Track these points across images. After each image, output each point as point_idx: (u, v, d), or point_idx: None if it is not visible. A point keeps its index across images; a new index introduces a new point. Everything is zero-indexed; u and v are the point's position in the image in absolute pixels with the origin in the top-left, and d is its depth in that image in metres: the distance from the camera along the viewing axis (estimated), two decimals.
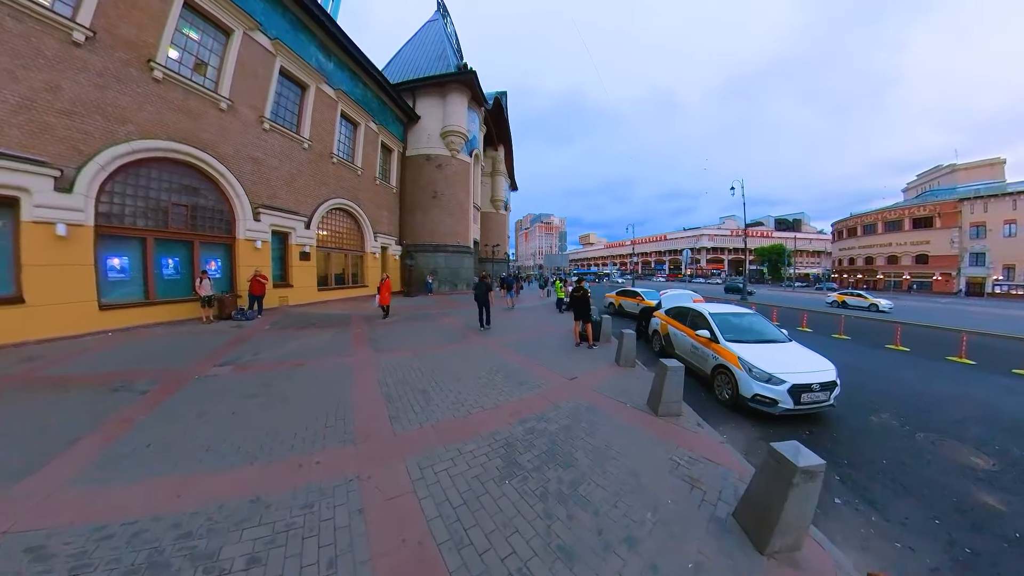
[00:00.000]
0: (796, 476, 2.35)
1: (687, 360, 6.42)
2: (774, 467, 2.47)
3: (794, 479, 2.33)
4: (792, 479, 2.33)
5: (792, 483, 2.29)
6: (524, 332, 9.05)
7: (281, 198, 12.75)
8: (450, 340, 7.64)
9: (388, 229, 19.21)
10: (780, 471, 2.44)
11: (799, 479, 2.37)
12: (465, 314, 12.08)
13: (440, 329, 9.05)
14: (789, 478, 2.38)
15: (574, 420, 3.93)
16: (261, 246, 11.83)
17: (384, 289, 10.82)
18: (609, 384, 5.23)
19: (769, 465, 2.53)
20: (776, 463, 2.48)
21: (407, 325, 9.67)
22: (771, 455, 2.54)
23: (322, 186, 14.48)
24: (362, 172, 16.88)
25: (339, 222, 15.88)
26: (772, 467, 2.49)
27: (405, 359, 5.99)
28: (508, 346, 7.21)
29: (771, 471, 2.51)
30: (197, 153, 10.28)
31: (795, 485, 2.29)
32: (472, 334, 8.36)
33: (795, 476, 2.36)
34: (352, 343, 7.19)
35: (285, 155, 13.01)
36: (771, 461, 2.54)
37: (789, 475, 2.39)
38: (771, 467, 2.50)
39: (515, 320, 11.27)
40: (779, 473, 2.45)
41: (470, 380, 4.97)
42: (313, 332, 8.44)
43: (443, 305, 15.14)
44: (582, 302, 7.46)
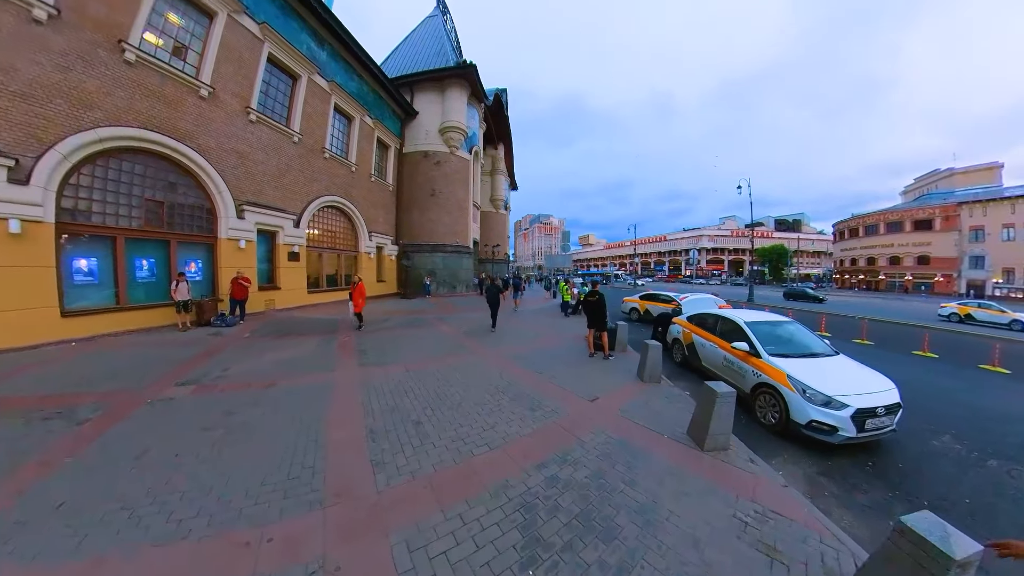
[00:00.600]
0: (951, 572, 1.60)
1: (718, 374, 5.69)
2: (911, 555, 1.72)
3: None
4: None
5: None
6: (530, 340, 8.27)
7: (268, 194, 11.93)
8: (448, 351, 6.88)
9: (384, 228, 18.40)
10: (922, 561, 1.69)
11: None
12: (464, 319, 11.30)
13: (437, 338, 8.22)
14: (940, 573, 1.63)
15: (606, 461, 3.17)
16: (245, 246, 11.01)
17: (357, 294, 9.15)
18: (636, 406, 4.48)
19: (901, 552, 1.78)
20: (916, 549, 1.72)
21: (400, 333, 8.83)
22: (905, 537, 1.79)
23: (313, 182, 13.67)
24: (356, 168, 16.07)
25: (331, 221, 15.06)
26: (907, 555, 1.74)
27: (396, 376, 5.21)
28: (514, 358, 6.44)
29: (906, 561, 1.75)
30: (174, 144, 9.46)
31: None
32: (473, 343, 7.59)
33: (950, 572, 1.61)
34: (337, 355, 6.39)
35: (273, 149, 12.20)
36: (905, 546, 1.79)
37: (940, 570, 1.63)
38: (905, 555, 1.75)
39: (520, 325, 10.49)
40: (921, 566, 1.69)
41: (472, 405, 4.20)
42: (296, 341, 7.64)
43: (441, 309, 14.34)
44: (597, 308, 6.68)
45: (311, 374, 5.34)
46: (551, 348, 7.34)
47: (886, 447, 4.23)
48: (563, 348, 7.38)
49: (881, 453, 4.13)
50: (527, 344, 7.79)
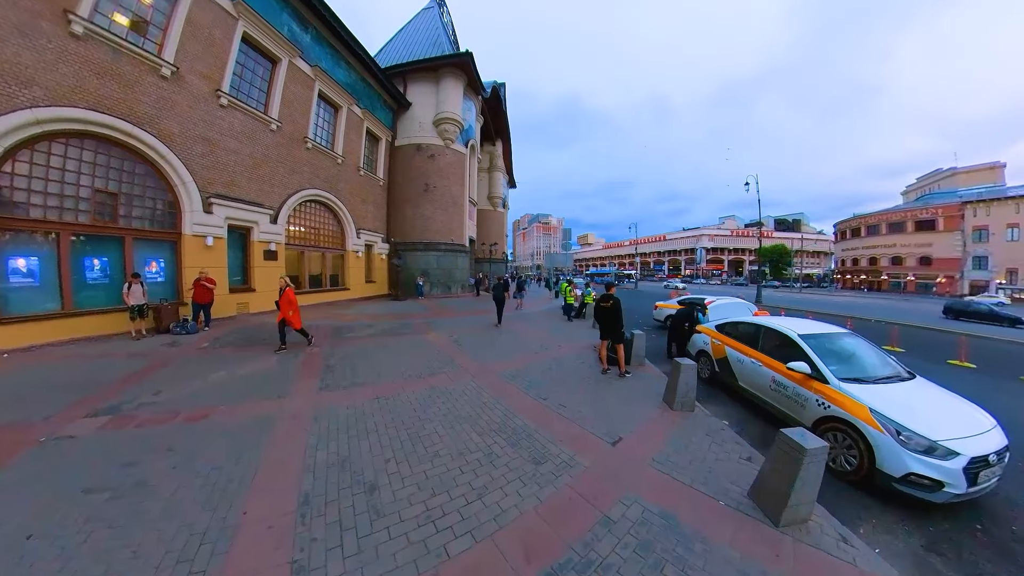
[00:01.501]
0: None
1: (763, 399, 4.65)
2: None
3: None
4: None
5: None
6: (531, 352, 7.08)
7: (241, 187, 10.80)
8: (432, 369, 5.67)
9: (374, 225, 17.27)
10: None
11: None
12: (456, 325, 10.20)
13: (422, 349, 7.04)
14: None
15: (648, 558, 2.12)
16: (213, 243, 9.89)
17: (285, 302, 6.69)
18: (673, 451, 3.43)
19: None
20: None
21: (381, 343, 7.62)
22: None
23: (293, 174, 12.54)
24: (343, 161, 14.94)
25: (315, 217, 13.93)
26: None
27: (361, 406, 4.13)
28: (511, 377, 5.34)
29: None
30: (129, 128, 8.35)
31: None
32: (463, 357, 6.42)
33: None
34: (298, 373, 5.30)
35: (248, 137, 11.07)
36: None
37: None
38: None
39: (519, 331, 9.39)
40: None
41: (454, 455, 3.11)
42: (258, 353, 6.54)
43: (432, 311, 13.24)
44: (611, 316, 5.62)
45: (258, 402, 4.26)
46: (555, 362, 6.27)
47: (983, 498, 3.23)
48: (569, 362, 6.32)
49: (983, 509, 3.13)
50: (527, 356, 6.72)
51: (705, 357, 6.04)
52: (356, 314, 11.55)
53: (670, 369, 4.52)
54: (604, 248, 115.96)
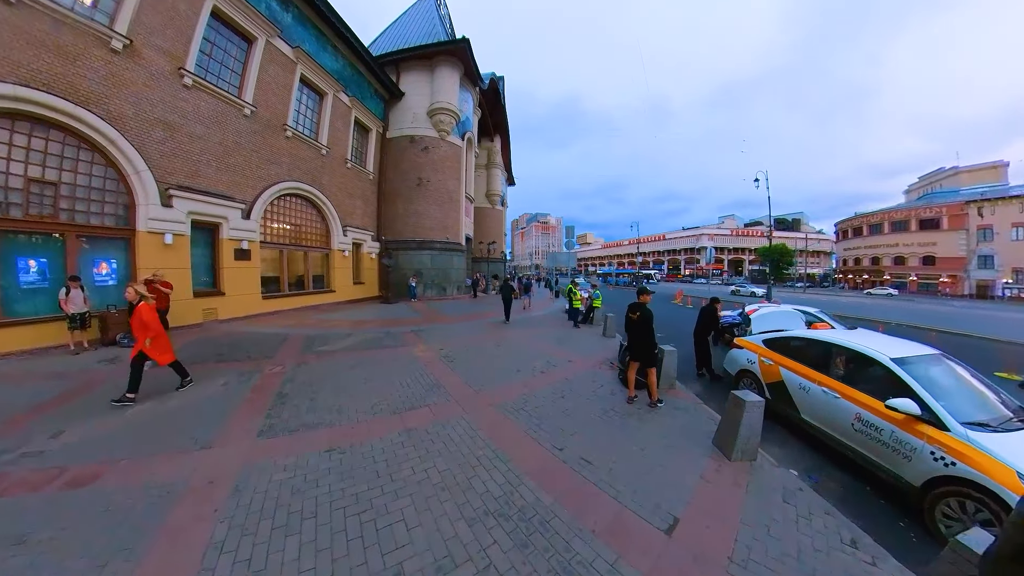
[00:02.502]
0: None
1: (840, 440, 3.60)
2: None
3: None
4: None
5: None
6: (536, 371, 5.76)
7: (207, 177, 9.63)
8: (412, 399, 4.40)
9: (362, 222, 16.08)
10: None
11: None
12: (450, 333, 9.05)
13: (404, 368, 5.70)
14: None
15: None
16: (173, 241, 8.72)
17: (138, 325, 4.33)
18: (753, 536, 2.34)
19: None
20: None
21: (356, 359, 6.27)
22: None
23: (271, 165, 11.36)
24: (328, 152, 13.76)
25: (296, 212, 12.74)
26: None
27: (305, 465, 2.99)
28: (514, 412, 4.13)
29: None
30: (68, 108, 7.20)
31: None
32: (453, 380, 5.19)
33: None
34: (240, 406, 4.15)
35: (216, 122, 9.89)
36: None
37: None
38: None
39: (521, 343, 8.16)
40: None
41: (426, 573, 1.94)
42: (208, 373, 5.41)
43: (425, 316, 12.07)
44: (642, 330, 4.44)
45: (171, 455, 3.13)
46: (566, 385, 5.12)
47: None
48: (583, 384, 5.19)
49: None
50: (531, 378, 5.44)
51: (750, 379, 4.97)
52: (338, 320, 10.39)
53: (706, 393, 3.40)
54: (604, 247, 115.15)
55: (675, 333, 10.35)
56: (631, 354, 4.53)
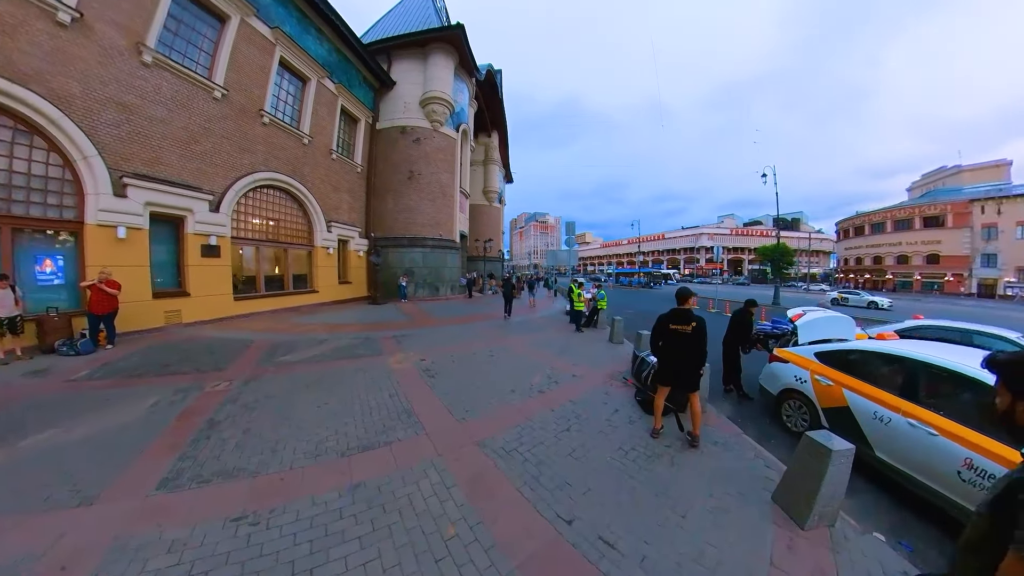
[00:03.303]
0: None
1: (940, 492, 2.69)
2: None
3: None
4: None
5: None
6: (535, 391, 4.71)
7: (170, 165, 8.66)
8: (372, 432, 3.39)
9: (349, 218, 15.09)
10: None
11: None
12: (436, 339, 8.05)
13: (372, 386, 4.67)
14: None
15: None
16: (127, 235, 7.76)
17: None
18: None
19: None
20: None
21: (320, 372, 5.25)
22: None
23: (244, 153, 10.38)
24: (311, 141, 12.78)
25: (274, 205, 11.75)
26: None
27: (199, 543, 2.05)
28: (504, 453, 3.11)
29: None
30: (3, 85, 6.29)
31: None
32: (428, 405, 4.13)
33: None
34: (156, 442, 3.20)
35: (181, 104, 8.93)
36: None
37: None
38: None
39: (518, 351, 7.09)
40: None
41: None
42: (139, 391, 4.47)
43: (413, 319, 11.09)
44: (692, 348, 3.40)
45: (34, 517, 2.21)
46: (572, 411, 4.08)
47: None
48: (594, 410, 4.14)
49: None
50: (528, 401, 4.36)
51: (797, 400, 4.05)
52: (315, 324, 9.40)
53: (737, 415, 2.44)
54: (603, 247, 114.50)
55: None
56: (671, 379, 3.49)
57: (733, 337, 5.18)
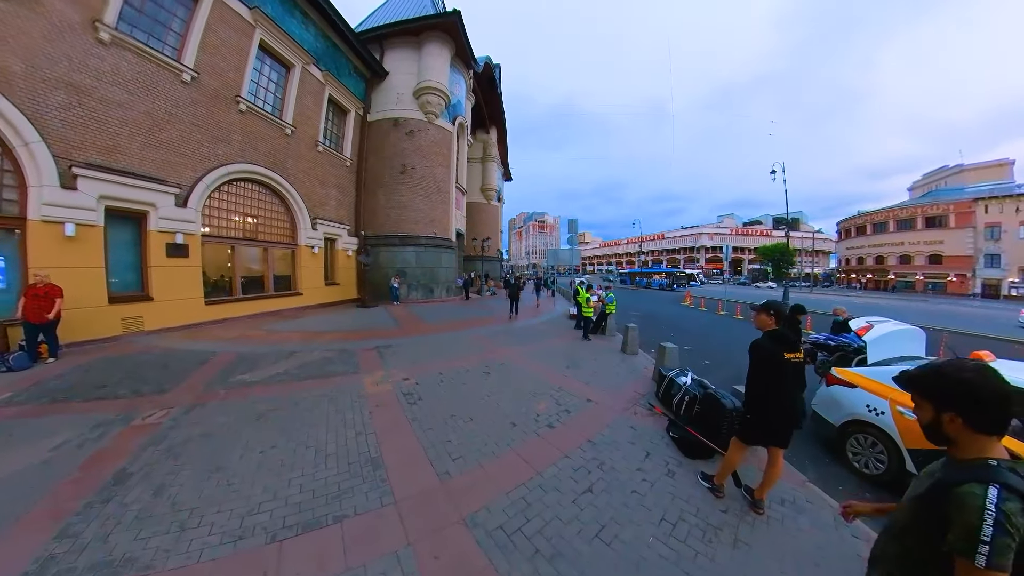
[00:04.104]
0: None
1: None
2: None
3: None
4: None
5: None
6: (540, 424, 3.81)
7: (129, 154, 7.76)
8: (317, 509, 2.40)
9: (337, 215, 14.17)
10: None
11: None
12: (423, 351, 7.08)
13: (332, 426, 3.63)
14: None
15: None
16: (77, 233, 6.86)
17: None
18: None
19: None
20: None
21: (273, 401, 4.20)
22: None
23: (218, 143, 9.47)
24: (294, 132, 11.87)
25: (252, 201, 10.82)
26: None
27: None
28: (502, 537, 2.20)
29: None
30: None
31: None
32: (400, 453, 3.13)
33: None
34: (36, 510, 2.34)
35: (144, 87, 8.02)
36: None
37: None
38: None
39: (518, 365, 6.10)
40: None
41: None
42: (55, 422, 3.61)
43: (403, 325, 10.11)
44: (801, 379, 2.72)
45: None
46: (591, 457, 3.15)
47: None
48: (620, 455, 3.22)
49: None
50: (531, 441, 3.44)
51: (869, 436, 3.23)
52: (290, 331, 8.46)
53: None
54: (602, 246, 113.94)
55: (707, 342, 8.67)
56: (771, 434, 2.49)
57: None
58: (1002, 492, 0.85)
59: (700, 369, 6.10)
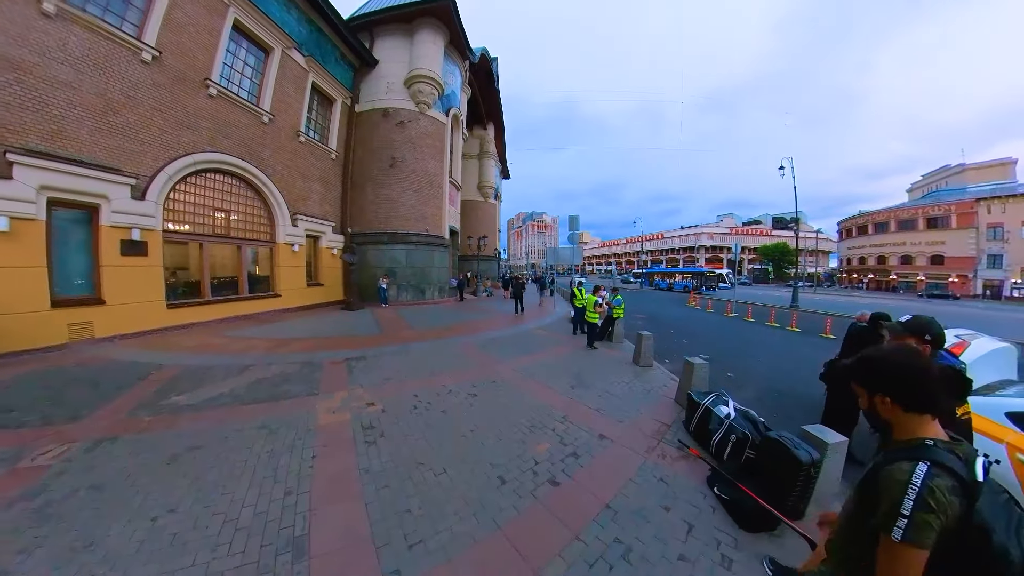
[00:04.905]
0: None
1: None
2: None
3: None
4: None
5: None
6: (540, 480, 2.82)
7: (76, 140, 6.92)
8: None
9: (321, 211, 13.32)
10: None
11: None
12: (403, 365, 6.15)
13: (265, 477, 2.71)
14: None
15: None
16: (11, 227, 6.05)
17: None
18: None
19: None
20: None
21: (200, 436, 3.35)
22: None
23: (183, 130, 8.63)
24: (273, 120, 11.01)
25: (224, 194, 9.96)
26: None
27: None
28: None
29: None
30: None
31: None
32: (333, 551, 1.91)
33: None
34: None
35: (96, 66, 7.19)
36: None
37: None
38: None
39: (514, 383, 5.20)
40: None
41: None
42: None
43: (386, 331, 9.14)
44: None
45: None
46: (611, 543, 2.17)
47: None
48: (651, 533, 2.27)
49: None
50: (527, 508, 2.49)
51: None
52: (258, 339, 7.60)
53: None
54: (601, 246, 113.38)
55: (725, 350, 7.64)
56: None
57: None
58: (932, 469, 0.84)
59: (723, 383, 5.32)
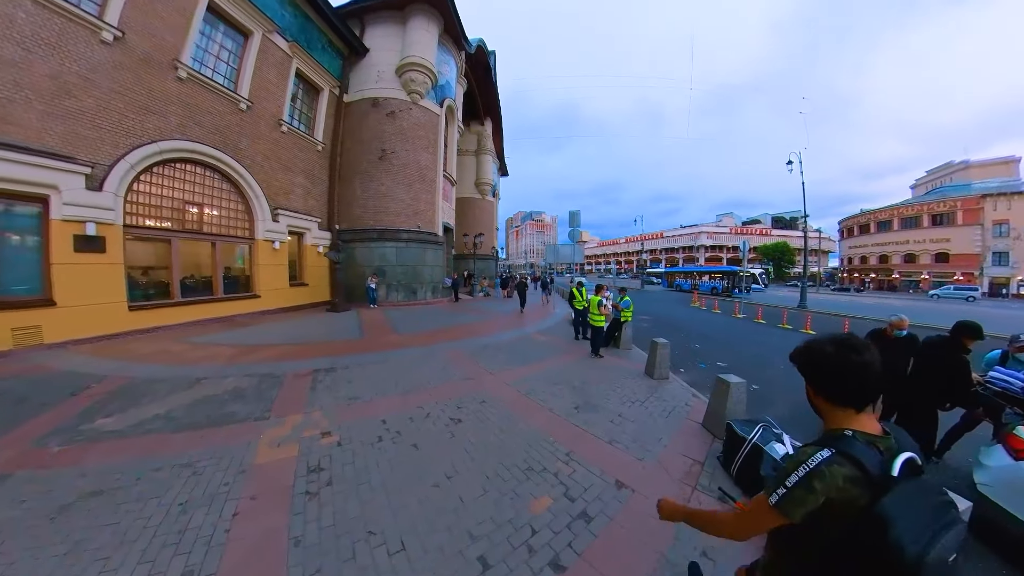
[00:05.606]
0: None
1: None
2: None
3: None
4: None
5: None
6: (534, 557, 1.98)
7: (23, 125, 6.22)
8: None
9: (305, 205, 12.60)
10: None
11: None
12: (379, 378, 5.33)
13: (161, 551, 1.91)
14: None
15: None
16: None
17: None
18: None
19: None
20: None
21: (102, 478, 2.56)
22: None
23: (149, 115, 7.92)
24: (251, 108, 10.29)
25: (196, 186, 9.21)
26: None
27: None
28: None
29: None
30: None
31: None
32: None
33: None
34: None
35: (48, 44, 6.49)
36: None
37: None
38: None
39: (508, 400, 4.38)
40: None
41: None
42: None
43: (369, 337, 8.19)
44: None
45: None
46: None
47: None
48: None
49: None
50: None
51: None
52: (223, 345, 6.81)
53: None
54: (600, 245, 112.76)
55: (742, 356, 7.08)
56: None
57: (928, 386, 2.85)
58: (834, 456, 0.85)
59: (751, 400, 4.52)
